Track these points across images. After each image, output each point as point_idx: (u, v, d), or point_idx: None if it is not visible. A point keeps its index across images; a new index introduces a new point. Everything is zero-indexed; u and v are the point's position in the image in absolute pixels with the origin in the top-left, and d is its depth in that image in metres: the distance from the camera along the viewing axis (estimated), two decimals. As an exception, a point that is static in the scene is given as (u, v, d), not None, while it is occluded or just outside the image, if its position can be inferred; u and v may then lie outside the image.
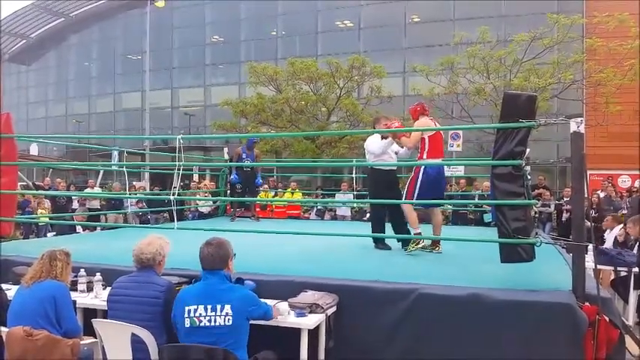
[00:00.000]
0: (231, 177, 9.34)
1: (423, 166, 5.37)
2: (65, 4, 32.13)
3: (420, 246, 5.35)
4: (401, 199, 5.69)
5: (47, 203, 12.12)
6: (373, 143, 6.04)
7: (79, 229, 10.67)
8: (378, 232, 6.05)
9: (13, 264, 4.61)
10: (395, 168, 6.23)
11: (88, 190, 14.19)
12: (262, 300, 3.38)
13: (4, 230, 5.88)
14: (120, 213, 12.15)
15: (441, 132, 5.62)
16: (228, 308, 3.07)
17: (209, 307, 3.07)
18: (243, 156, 9.20)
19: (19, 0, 32.17)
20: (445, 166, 13.64)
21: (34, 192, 12.63)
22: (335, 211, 13.14)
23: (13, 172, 6.06)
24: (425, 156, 5.44)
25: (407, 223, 5.87)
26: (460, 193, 12.45)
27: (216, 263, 3.21)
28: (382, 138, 5.94)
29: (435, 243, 5.54)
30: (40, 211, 11.60)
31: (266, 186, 13.16)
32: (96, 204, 13.05)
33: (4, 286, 3.93)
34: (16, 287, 3.59)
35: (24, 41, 35.07)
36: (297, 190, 13.40)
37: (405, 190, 5.56)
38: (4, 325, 3.35)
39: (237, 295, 3.15)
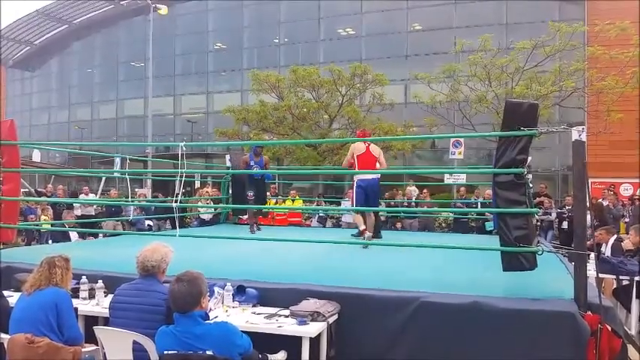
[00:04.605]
0: (250, 194, 8.52)
1: (355, 180, 7.00)
2: (69, 12, 32.30)
3: (362, 237, 6.83)
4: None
5: (50, 210, 12.11)
6: None
7: (73, 237, 10.11)
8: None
9: (15, 271, 4.62)
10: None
11: (82, 196, 14.08)
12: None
13: (6, 237, 5.88)
14: (119, 220, 12.14)
15: (370, 152, 7.05)
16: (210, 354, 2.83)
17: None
18: (251, 163, 8.66)
19: (25, 0, 32.10)
20: (447, 174, 13.67)
21: (29, 199, 12.59)
22: (337, 218, 13.12)
23: (16, 179, 6.07)
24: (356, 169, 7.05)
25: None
26: (461, 201, 12.45)
27: (187, 304, 2.91)
28: None
29: (363, 232, 6.93)
30: (43, 217, 11.59)
31: (267, 193, 13.14)
32: (90, 210, 12.75)
33: (6, 292, 3.94)
34: (18, 294, 3.59)
35: (28, 48, 35.24)
36: (297, 198, 13.41)
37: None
38: (6, 332, 3.36)
39: (215, 338, 2.86)
